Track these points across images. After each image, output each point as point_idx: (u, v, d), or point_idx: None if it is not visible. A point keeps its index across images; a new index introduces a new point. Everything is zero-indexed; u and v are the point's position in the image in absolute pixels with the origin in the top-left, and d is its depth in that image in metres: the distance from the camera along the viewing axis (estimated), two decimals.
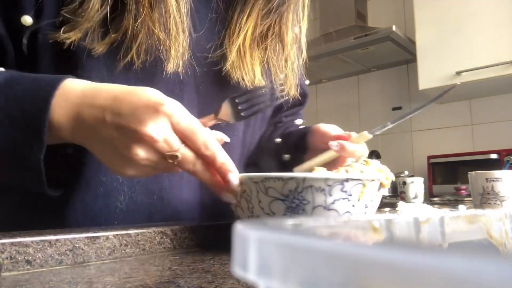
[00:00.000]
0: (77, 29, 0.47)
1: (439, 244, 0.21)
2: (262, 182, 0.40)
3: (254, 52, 0.59)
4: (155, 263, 0.37)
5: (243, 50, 0.58)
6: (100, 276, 0.31)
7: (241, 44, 0.57)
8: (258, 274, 0.12)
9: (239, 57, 0.57)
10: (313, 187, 0.39)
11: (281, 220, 0.15)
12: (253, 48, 0.59)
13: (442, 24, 2.08)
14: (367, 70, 2.69)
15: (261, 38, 0.59)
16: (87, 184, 0.51)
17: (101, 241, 0.38)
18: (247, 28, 0.57)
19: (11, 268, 0.32)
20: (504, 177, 0.77)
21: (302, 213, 0.40)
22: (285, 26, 0.61)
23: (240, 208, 0.43)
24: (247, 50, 0.58)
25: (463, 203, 1.15)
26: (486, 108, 2.27)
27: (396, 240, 0.19)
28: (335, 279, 0.10)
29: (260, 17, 0.58)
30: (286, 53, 0.62)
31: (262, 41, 0.60)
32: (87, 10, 0.46)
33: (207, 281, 0.29)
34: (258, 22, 0.58)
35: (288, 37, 0.62)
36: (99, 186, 0.51)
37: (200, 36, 0.57)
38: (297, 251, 0.11)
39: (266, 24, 0.59)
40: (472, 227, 0.23)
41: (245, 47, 0.58)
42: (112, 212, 0.52)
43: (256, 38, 0.59)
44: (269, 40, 0.60)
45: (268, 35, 0.60)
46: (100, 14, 0.47)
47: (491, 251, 0.24)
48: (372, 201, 0.43)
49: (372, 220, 0.18)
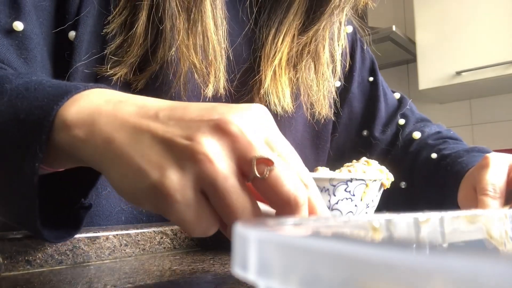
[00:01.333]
0: (122, 64, 0.46)
1: (439, 244, 0.21)
2: None
3: (288, 74, 0.56)
4: (155, 263, 0.37)
5: (279, 71, 0.55)
6: (100, 276, 0.31)
7: (276, 66, 0.54)
8: (258, 274, 0.12)
9: (273, 80, 0.54)
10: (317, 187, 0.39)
11: (281, 220, 0.15)
12: (288, 70, 0.56)
13: (442, 24, 2.07)
14: None
15: (296, 57, 0.57)
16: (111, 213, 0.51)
17: (101, 241, 0.38)
18: (283, 48, 0.54)
19: (11, 268, 0.32)
20: None
21: None
22: (321, 45, 0.58)
23: None
24: (282, 72, 0.55)
25: None
26: (486, 108, 2.27)
27: (396, 240, 0.19)
28: (335, 279, 0.10)
29: (296, 36, 0.56)
30: (321, 72, 0.59)
31: (297, 62, 0.57)
32: (133, 44, 0.45)
33: (207, 281, 0.29)
34: (295, 41, 0.56)
35: (324, 56, 0.59)
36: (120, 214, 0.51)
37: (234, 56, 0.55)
38: (297, 251, 0.11)
39: (302, 43, 0.56)
40: (472, 227, 0.23)
41: (281, 68, 0.55)
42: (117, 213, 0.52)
43: (291, 58, 0.56)
44: (305, 60, 0.57)
45: (304, 54, 0.57)
46: (144, 48, 0.46)
47: (491, 251, 0.24)
48: (373, 201, 0.44)
49: (372, 220, 0.18)
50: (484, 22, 1.96)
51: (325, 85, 0.60)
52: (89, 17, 0.47)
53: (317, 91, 0.60)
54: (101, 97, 0.28)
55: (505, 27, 1.91)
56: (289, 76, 0.56)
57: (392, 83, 2.62)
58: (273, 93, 0.54)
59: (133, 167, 0.24)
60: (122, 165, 0.25)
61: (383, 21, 2.48)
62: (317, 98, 0.60)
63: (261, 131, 0.26)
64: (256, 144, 0.25)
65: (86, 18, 0.47)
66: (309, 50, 0.57)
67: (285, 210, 0.25)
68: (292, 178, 0.25)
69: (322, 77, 0.60)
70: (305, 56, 0.57)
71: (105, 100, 0.28)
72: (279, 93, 0.55)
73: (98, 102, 0.27)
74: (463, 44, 2.00)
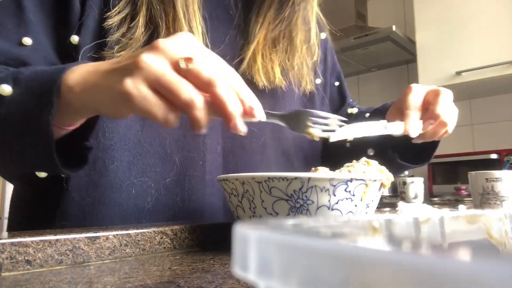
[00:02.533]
0: (128, 48, 0.53)
1: (439, 244, 0.21)
2: (265, 182, 0.40)
3: (271, 54, 0.66)
4: (155, 263, 0.37)
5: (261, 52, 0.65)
6: (100, 276, 0.31)
7: (255, 48, 0.64)
8: (258, 274, 0.12)
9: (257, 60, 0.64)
10: (317, 187, 0.39)
11: (281, 220, 0.15)
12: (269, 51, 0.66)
13: (442, 24, 2.08)
14: (367, 70, 2.69)
15: (274, 41, 0.67)
16: (120, 186, 0.55)
17: (101, 241, 0.38)
18: (260, 34, 0.65)
19: (11, 268, 0.32)
20: (504, 177, 0.76)
21: (306, 213, 0.40)
22: (294, 30, 0.68)
23: (242, 208, 0.43)
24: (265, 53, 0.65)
25: (463, 203, 1.15)
26: (486, 108, 2.27)
27: (396, 240, 0.19)
28: (335, 279, 0.10)
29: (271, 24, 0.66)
30: (297, 53, 0.69)
31: (276, 43, 0.67)
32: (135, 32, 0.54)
33: (207, 281, 0.29)
34: (270, 28, 0.66)
35: (298, 39, 0.69)
36: (130, 187, 0.56)
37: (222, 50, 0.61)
38: (297, 251, 0.11)
39: (277, 29, 0.67)
40: (472, 227, 0.23)
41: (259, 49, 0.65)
42: (141, 211, 0.56)
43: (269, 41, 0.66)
44: (281, 43, 0.68)
45: (280, 38, 0.68)
46: (145, 35, 0.54)
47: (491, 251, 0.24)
48: (373, 201, 0.44)
49: (372, 220, 0.18)
50: (484, 22, 1.96)
51: (303, 63, 0.71)
52: (90, 18, 0.55)
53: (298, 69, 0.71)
54: (90, 65, 0.41)
55: (505, 27, 1.91)
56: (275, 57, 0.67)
57: (392, 83, 2.62)
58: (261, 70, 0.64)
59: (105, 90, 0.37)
60: (101, 93, 0.38)
61: (383, 21, 2.48)
62: (300, 74, 0.71)
63: (185, 44, 0.37)
64: (180, 50, 0.36)
65: (87, 20, 0.54)
66: (284, 34, 0.68)
67: (210, 90, 0.35)
68: (211, 66, 0.36)
69: (299, 57, 0.70)
70: (281, 39, 0.68)
71: (91, 66, 0.40)
72: (266, 70, 0.65)
73: (87, 68, 0.40)
74: (463, 44, 2.00)
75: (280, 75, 0.66)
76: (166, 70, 0.35)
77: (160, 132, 0.58)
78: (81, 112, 0.43)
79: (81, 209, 0.54)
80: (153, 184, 0.57)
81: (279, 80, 0.66)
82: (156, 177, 0.58)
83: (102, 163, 0.54)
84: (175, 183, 0.59)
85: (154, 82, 0.34)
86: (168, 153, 0.59)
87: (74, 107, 0.41)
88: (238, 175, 0.42)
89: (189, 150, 0.60)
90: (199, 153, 0.61)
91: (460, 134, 2.33)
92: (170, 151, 0.59)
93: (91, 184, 0.54)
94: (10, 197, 0.63)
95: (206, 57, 0.37)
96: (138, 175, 0.56)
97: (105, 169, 0.55)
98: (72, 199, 0.54)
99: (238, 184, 0.42)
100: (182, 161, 0.60)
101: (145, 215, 0.57)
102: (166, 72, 0.35)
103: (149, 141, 0.57)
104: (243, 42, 0.66)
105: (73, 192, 0.54)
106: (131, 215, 0.56)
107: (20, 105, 0.41)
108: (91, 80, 0.39)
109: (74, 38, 0.54)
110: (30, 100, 0.40)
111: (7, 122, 0.41)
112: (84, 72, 0.40)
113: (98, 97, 0.38)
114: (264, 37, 0.66)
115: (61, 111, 0.40)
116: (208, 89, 0.35)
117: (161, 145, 0.58)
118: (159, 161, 0.58)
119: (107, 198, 0.55)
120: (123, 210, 0.55)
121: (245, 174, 0.41)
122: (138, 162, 0.56)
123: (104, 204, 0.55)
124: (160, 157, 0.58)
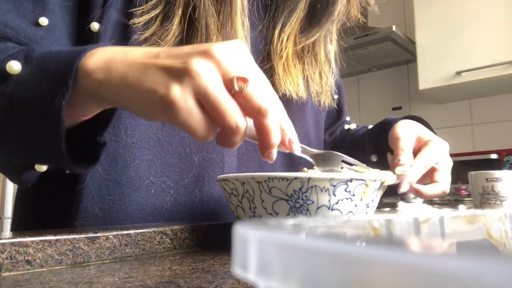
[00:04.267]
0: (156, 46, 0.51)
1: (439, 244, 0.21)
2: (265, 182, 0.40)
3: (296, 66, 0.68)
4: (155, 263, 0.37)
5: (287, 64, 0.66)
6: (100, 276, 0.31)
7: (285, 59, 0.65)
8: (258, 274, 0.12)
9: (284, 71, 0.65)
10: (317, 187, 0.39)
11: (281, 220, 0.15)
12: (295, 63, 0.68)
13: (442, 24, 2.08)
14: (367, 70, 2.69)
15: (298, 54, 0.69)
16: (140, 185, 0.55)
17: (101, 241, 0.38)
18: (288, 45, 0.66)
19: (11, 268, 0.32)
20: (504, 177, 0.76)
21: (306, 213, 0.40)
22: (318, 46, 0.71)
23: (242, 208, 0.43)
24: (290, 64, 0.66)
25: (463, 203, 1.15)
26: (486, 108, 2.27)
27: (396, 240, 0.19)
28: (335, 279, 0.10)
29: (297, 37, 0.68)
30: (320, 68, 0.72)
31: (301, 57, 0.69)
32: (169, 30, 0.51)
33: (207, 281, 0.29)
34: (297, 41, 0.68)
35: (321, 55, 0.72)
36: (150, 187, 0.55)
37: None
38: (297, 251, 0.11)
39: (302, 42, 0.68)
40: (472, 227, 0.23)
41: (288, 61, 0.66)
42: (159, 211, 0.56)
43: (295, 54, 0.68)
44: (306, 57, 0.70)
45: (304, 52, 0.70)
46: (178, 36, 0.52)
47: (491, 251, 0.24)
48: (373, 201, 0.44)
49: (372, 220, 0.18)
50: (484, 22, 1.96)
51: (324, 79, 0.73)
52: (113, 8, 0.52)
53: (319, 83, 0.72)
54: (112, 49, 0.36)
55: (505, 27, 1.91)
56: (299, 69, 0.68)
57: (392, 83, 2.62)
58: (286, 82, 0.65)
59: (144, 90, 0.33)
60: (136, 92, 0.33)
61: (383, 21, 2.48)
62: (321, 89, 0.72)
63: (240, 57, 0.34)
64: (235, 66, 0.33)
65: (110, 9, 0.52)
66: (309, 49, 0.70)
67: (258, 118, 0.34)
68: (263, 93, 0.34)
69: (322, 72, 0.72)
70: (306, 54, 0.69)
71: (116, 51, 0.36)
72: (293, 81, 0.66)
73: (111, 53, 0.36)
74: (463, 44, 2.00)
75: (303, 87, 0.68)
76: (219, 87, 0.32)
77: (180, 132, 0.58)
78: (99, 103, 0.39)
79: (101, 207, 0.53)
80: (172, 184, 0.57)
81: (302, 91, 0.67)
82: (175, 177, 0.57)
83: (123, 161, 0.53)
84: (194, 183, 0.59)
85: (202, 96, 0.32)
86: (187, 152, 0.58)
87: (92, 96, 0.37)
88: (237, 175, 0.42)
89: (208, 150, 0.60)
90: (218, 154, 0.61)
91: (460, 134, 2.33)
92: (190, 151, 0.59)
93: (112, 182, 0.53)
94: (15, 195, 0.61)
95: (258, 78, 0.35)
96: (158, 175, 0.56)
97: (126, 167, 0.54)
98: (92, 197, 0.53)
99: (238, 184, 0.42)
100: (201, 161, 0.59)
101: (163, 215, 0.56)
102: (218, 90, 0.32)
103: (168, 140, 0.57)
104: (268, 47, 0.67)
105: (93, 190, 0.53)
106: (149, 215, 0.55)
107: (30, 86, 0.37)
108: (119, 70, 0.34)
109: (94, 25, 0.50)
110: (42, 81, 0.36)
111: (13, 104, 0.37)
112: (108, 58, 0.35)
113: (130, 94, 0.34)
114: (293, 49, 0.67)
115: (75, 98, 0.36)
116: (257, 117, 0.34)
117: (180, 144, 0.58)
118: (178, 161, 0.58)
119: (127, 196, 0.54)
120: (142, 209, 0.55)
121: (245, 174, 0.41)
122: (158, 161, 0.56)
123: (124, 203, 0.54)
124: (180, 156, 0.58)
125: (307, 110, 0.75)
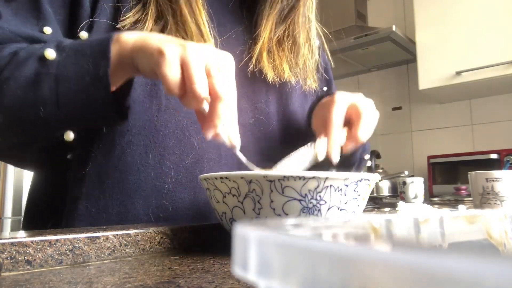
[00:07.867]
0: None
1: (439, 244, 0.21)
2: (279, 181, 0.37)
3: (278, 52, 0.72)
4: (155, 263, 0.37)
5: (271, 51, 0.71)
6: (100, 276, 0.31)
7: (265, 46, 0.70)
8: (258, 274, 0.12)
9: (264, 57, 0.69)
10: (332, 187, 0.38)
11: (281, 220, 0.15)
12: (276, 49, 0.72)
13: (442, 24, 2.07)
14: (367, 70, 2.69)
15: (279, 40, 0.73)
16: (139, 168, 0.57)
17: (101, 241, 0.38)
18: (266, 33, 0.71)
19: (11, 268, 0.32)
20: (504, 177, 0.77)
21: (317, 214, 0.38)
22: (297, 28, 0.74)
23: (241, 210, 0.40)
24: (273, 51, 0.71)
25: (463, 203, 1.15)
26: (486, 108, 2.26)
27: (396, 240, 0.19)
28: (335, 279, 0.10)
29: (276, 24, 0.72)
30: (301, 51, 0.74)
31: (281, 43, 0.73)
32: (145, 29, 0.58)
33: (207, 281, 0.29)
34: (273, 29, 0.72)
35: (301, 38, 0.74)
36: (149, 170, 0.58)
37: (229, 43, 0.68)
38: (297, 251, 0.11)
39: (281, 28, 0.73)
40: (472, 227, 0.23)
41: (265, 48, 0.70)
42: (161, 192, 0.58)
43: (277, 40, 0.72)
44: (286, 42, 0.73)
45: (284, 37, 0.74)
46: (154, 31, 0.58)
47: (491, 251, 0.24)
48: (364, 200, 0.44)
49: (372, 220, 0.18)
50: (484, 22, 1.96)
51: (306, 62, 0.76)
52: (102, 17, 0.58)
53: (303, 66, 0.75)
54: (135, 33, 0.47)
55: (505, 27, 1.91)
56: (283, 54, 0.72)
57: (392, 83, 2.62)
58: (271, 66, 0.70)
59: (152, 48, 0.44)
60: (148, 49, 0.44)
61: (383, 21, 2.48)
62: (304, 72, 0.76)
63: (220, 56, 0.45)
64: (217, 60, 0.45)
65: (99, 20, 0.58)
66: (288, 33, 0.74)
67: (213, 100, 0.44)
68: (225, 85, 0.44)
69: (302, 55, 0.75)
70: (286, 39, 0.74)
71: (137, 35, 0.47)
72: (278, 67, 0.71)
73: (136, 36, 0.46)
74: (463, 44, 2.00)
75: (288, 71, 0.72)
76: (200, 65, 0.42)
77: (175, 115, 0.60)
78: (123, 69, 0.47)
79: (102, 190, 0.56)
80: (172, 166, 0.59)
81: (288, 75, 0.71)
82: (175, 159, 0.59)
83: (119, 148, 0.57)
84: (195, 165, 0.61)
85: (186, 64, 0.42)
86: (186, 135, 0.61)
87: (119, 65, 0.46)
88: (244, 173, 0.39)
89: None
90: None
91: (460, 134, 2.33)
92: (188, 133, 0.61)
93: (110, 167, 0.56)
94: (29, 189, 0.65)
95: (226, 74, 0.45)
96: (157, 158, 0.58)
97: (122, 153, 0.57)
98: (93, 181, 0.56)
99: (242, 182, 0.39)
100: (200, 143, 0.61)
101: (165, 195, 0.58)
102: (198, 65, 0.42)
103: (164, 124, 0.59)
104: (250, 41, 0.71)
105: (94, 175, 0.56)
106: (150, 196, 0.57)
107: (72, 64, 0.45)
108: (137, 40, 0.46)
109: (83, 34, 0.56)
110: (83, 60, 0.45)
111: (60, 81, 0.45)
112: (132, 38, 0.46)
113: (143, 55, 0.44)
114: (270, 37, 0.71)
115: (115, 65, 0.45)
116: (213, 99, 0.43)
117: (178, 127, 0.60)
118: (177, 143, 0.60)
119: (125, 179, 0.57)
120: (142, 191, 0.57)
121: (254, 172, 0.39)
122: (156, 145, 0.58)
123: (124, 186, 0.57)
124: (178, 139, 0.60)
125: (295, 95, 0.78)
